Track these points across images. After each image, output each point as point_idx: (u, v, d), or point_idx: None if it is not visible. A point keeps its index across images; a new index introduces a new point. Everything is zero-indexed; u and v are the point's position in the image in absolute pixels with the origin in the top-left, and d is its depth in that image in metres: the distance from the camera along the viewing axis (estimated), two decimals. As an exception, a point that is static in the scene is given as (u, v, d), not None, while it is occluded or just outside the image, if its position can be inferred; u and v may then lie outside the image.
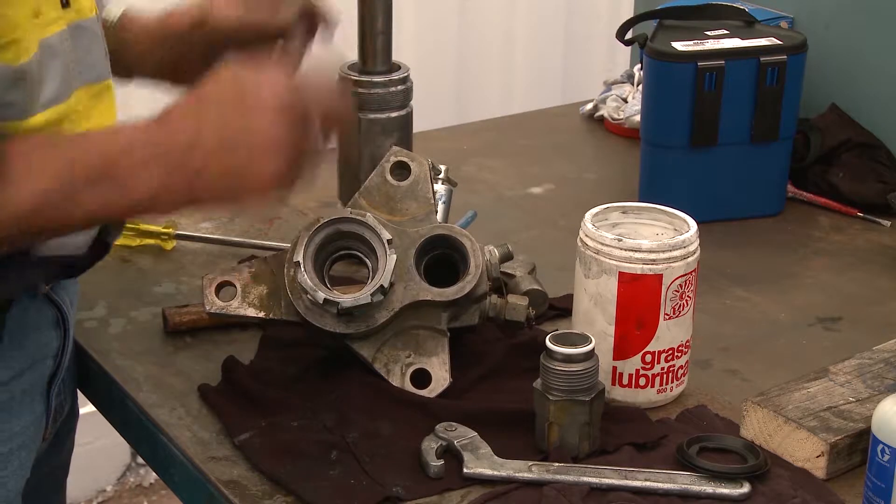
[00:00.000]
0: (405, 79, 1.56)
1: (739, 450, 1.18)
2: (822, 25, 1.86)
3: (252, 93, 1.07)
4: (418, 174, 1.29)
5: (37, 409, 1.27)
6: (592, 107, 2.13)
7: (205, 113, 1.07)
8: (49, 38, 1.12)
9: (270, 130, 1.06)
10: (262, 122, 1.06)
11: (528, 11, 3.21)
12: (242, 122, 1.06)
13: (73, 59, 1.16)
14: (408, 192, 1.28)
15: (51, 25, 1.13)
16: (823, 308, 1.50)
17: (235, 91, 1.07)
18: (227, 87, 1.08)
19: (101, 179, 1.06)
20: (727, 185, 1.74)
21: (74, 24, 1.16)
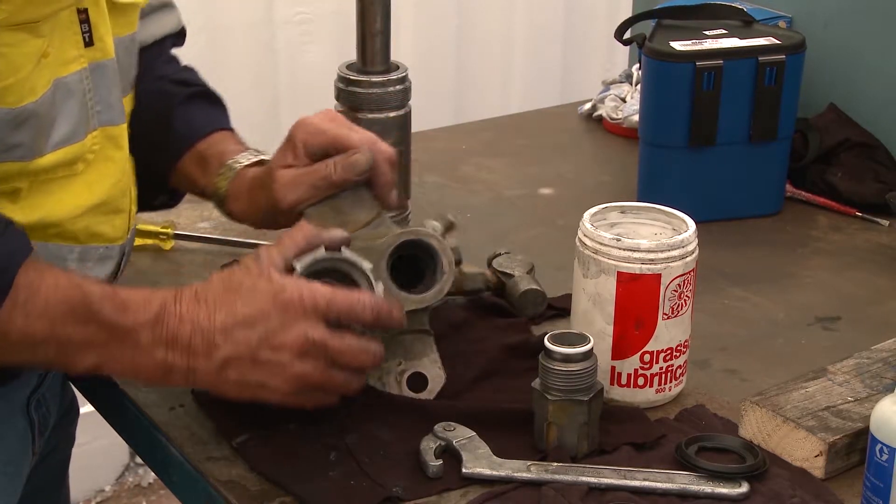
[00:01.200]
0: (404, 78, 1.56)
1: (738, 449, 1.18)
2: (821, 25, 1.86)
3: (276, 332, 1.06)
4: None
5: (19, 426, 1.26)
6: (591, 106, 2.13)
7: (224, 327, 1.06)
8: (66, 78, 1.11)
9: (292, 369, 1.08)
10: (283, 364, 1.07)
11: (527, 11, 3.21)
12: (264, 360, 1.07)
13: (93, 98, 1.15)
14: (354, 201, 1.24)
15: (69, 64, 1.12)
16: (822, 308, 1.50)
17: (263, 319, 1.06)
18: (256, 305, 1.07)
19: (100, 348, 1.06)
20: (726, 184, 1.74)
21: (96, 64, 1.15)
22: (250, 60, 2.84)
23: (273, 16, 2.84)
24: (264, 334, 1.06)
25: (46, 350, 1.05)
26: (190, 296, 1.07)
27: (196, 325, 1.06)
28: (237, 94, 2.82)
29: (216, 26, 2.77)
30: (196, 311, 1.06)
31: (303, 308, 1.07)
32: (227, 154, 1.34)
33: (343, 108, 1.55)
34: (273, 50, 2.86)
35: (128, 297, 1.06)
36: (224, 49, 2.79)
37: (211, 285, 1.09)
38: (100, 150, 1.17)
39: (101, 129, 1.17)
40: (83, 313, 1.04)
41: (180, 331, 1.06)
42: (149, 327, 1.05)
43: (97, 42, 1.15)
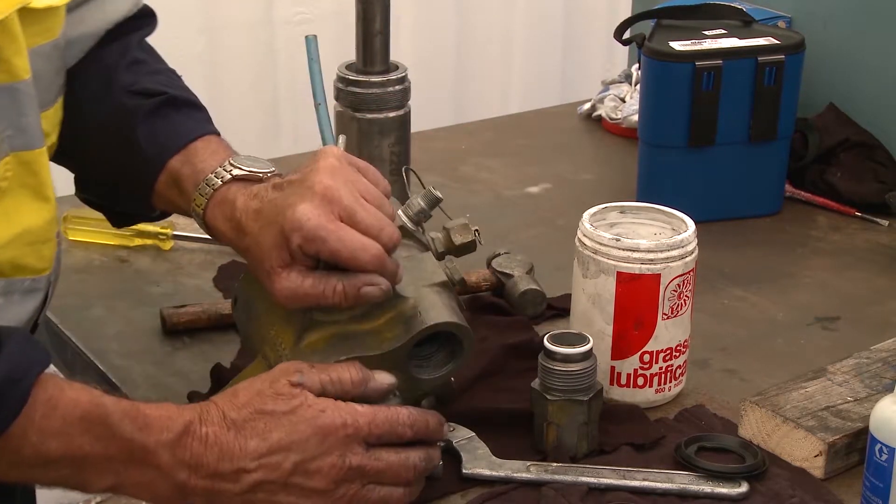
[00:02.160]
0: (403, 78, 1.56)
1: (737, 449, 1.18)
2: (820, 25, 1.86)
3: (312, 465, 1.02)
4: None
5: None
6: (590, 106, 2.13)
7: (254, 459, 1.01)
8: None
9: (327, 496, 1.03)
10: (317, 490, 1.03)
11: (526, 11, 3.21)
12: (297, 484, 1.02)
13: (1, 123, 1.04)
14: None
15: None
16: (821, 308, 1.50)
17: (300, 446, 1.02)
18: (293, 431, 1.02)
19: (117, 469, 1.00)
20: (725, 184, 1.74)
21: (3, 87, 1.04)
22: (250, 60, 2.84)
23: (273, 16, 2.83)
24: (300, 461, 1.02)
25: (60, 470, 0.99)
26: (217, 417, 1.02)
27: (224, 450, 1.01)
28: (237, 94, 2.82)
29: (216, 26, 2.77)
30: (224, 436, 1.01)
31: (344, 434, 1.02)
32: (199, 173, 1.18)
33: (343, 107, 1.55)
34: (273, 50, 2.85)
35: (150, 414, 1.00)
36: (224, 49, 2.79)
37: (241, 408, 1.02)
38: (14, 177, 1.06)
39: (14, 154, 1.06)
40: (102, 431, 0.98)
41: (206, 455, 1.00)
42: (170, 448, 0.99)
43: (3, 64, 1.03)
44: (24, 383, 0.96)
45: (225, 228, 1.15)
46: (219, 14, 2.77)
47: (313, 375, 1.05)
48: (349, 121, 1.55)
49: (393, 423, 1.05)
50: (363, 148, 1.55)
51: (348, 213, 1.06)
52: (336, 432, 1.02)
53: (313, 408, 1.03)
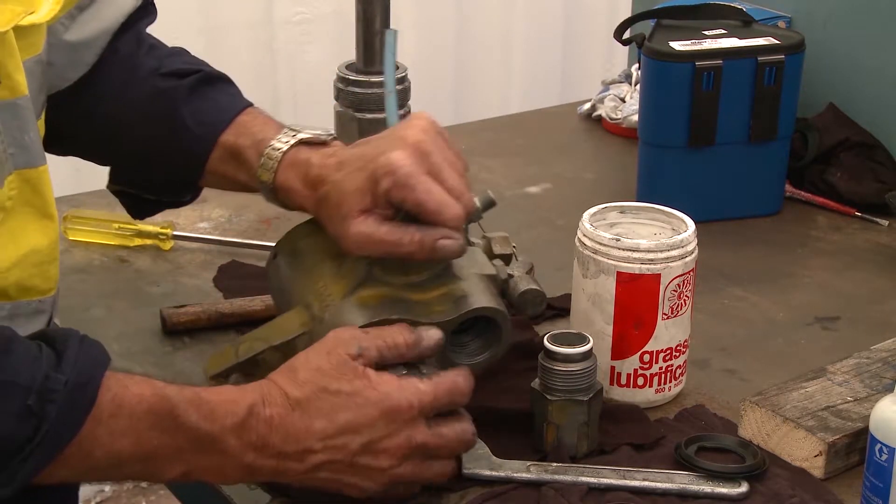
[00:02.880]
0: (403, 78, 1.56)
1: (737, 449, 1.18)
2: (820, 25, 1.86)
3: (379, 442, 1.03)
4: None
5: None
6: (590, 106, 2.13)
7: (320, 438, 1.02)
8: None
9: (390, 472, 1.05)
10: (382, 469, 1.04)
11: (526, 11, 3.22)
12: (363, 464, 1.04)
13: (4, 141, 1.04)
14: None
15: None
16: (821, 307, 1.50)
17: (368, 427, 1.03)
18: (362, 413, 1.03)
19: (188, 457, 1.01)
20: (725, 184, 1.74)
21: (4, 103, 1.04)
22: (250, 60, 2.84)
23: (272, 16, 2.84)
24: (367, 441, 1.03)
25: (132, 466, 1.01)
26: (280, 398, 1.02)
27: (290, 431, 1.02)
28: (237, 94, 2.82)
29: (216, 26, 2.77)
30: (289, 416, 1.02)
31: (410, 416, 1.04)
32: (260, 142, 1.20)
33: (343, 107, 1.55)
34: (273, 50, 2.86)
35: (213, 400, 1.01)
36: (224, 49, 2.79)
37: (302, 385, 1.03)
38: (18, 196, 1.06)
39: (17, 172, 1.06)
40: (169, 424, 0.99)
41: (271, 436, 1.01)
42: (236, 432, 1.00)
43: (4, 80, 1.03)
44: (90, 387, 0.97)
45: (298, 187, 1.17)
46: (219, 14, 2.78)
47: (370, 343, 1.05)
48: (349, 121, 1.55)
49: (453, 393, 1.07)
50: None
51: (437, 170, 1.09)
52: (403, 414, 1.04)
53: (378, 390, 1.03)
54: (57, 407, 0.94)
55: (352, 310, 1.12)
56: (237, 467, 1.03)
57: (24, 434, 0.94)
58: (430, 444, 1.06)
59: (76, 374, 0.96)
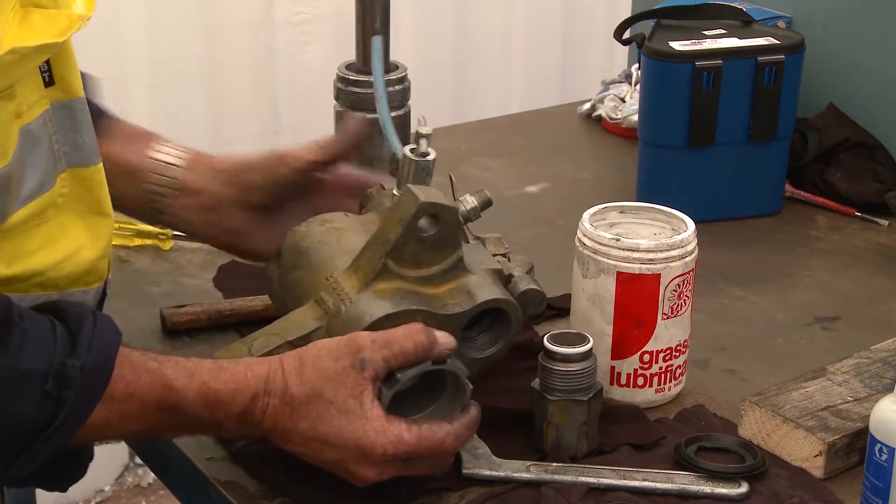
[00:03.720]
0: (403, 78, 1.56)
1: (737, 449, 1.18)
2: (820, 25, 1.86)
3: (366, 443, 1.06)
4: (449, 222, 1.17)
5: None
6: (590, 106, 2.13)
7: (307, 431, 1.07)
8: (30, 125, 1.03)
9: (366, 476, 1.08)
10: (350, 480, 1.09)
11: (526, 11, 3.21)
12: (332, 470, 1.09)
13: (59, 140, 1.07)
14: (437, 242, 1.17)
15: (31, 109, 1.03)
16: (821, 307, 1.50)
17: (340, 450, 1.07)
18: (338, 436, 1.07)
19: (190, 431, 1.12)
20: (725, 184, 1.74)
21: (59, 104, 1.07)
22: (249, 60, 2.84)
23: (272, 16, 2.84)
24: (338, 459, 1.08)
25: (138, 436, 1.12)
26: (279, 392, 1.07)
27: (277, 423, 1.07)
28: (237, 94, 2.83)
29: (215, 26, 2.77)
30: (281, 410, 1.07)
31: (383, 459, 1.07)
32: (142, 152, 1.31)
33: (343, 107, 1.55)
34: (272, 50, 2.86)
35: (221, 390, 1.06)
36: (223, 49, 2.79)
37: (303, 384, 1.07)
38: (69, 193, 1.09)
39: (70, 170, 1.09)
40: (176, 413, 1.06)
41: (263, 423, 1.08)
42: (234, 419, 1.07)
43: (58, 81, 1.06)
44: (105, 368, 1.02)
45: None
46: (219, 14, 2.77)
47: (376, 354, 1.08)
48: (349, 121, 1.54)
49: (435, 450, 1.09)
50: (363, 148, 1.55)
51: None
52: (375, 457, 1.07)
53: (363, 421, 1.06)
54: (74, 392, 0.99)
55: (370, 302, 1.13)
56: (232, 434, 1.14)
57: (44, 418, 0.99)
58: (402, 474, 1.10)
59: (92, 358, 1.01)
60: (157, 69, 2.68)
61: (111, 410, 1.02)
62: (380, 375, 1.08)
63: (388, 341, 1.09)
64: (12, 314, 0.99)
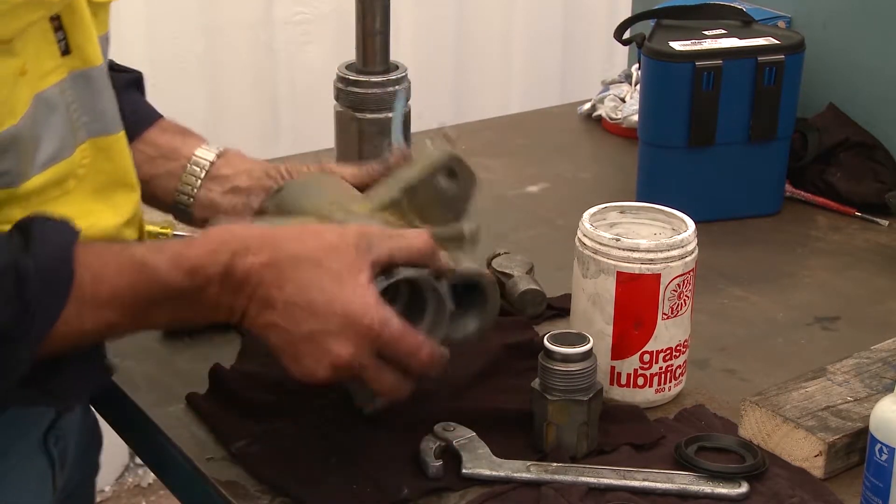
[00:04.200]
0: (403, 78, 1.56)
1: (737, 449, 1.18)
2: (820, 25, 1.86)
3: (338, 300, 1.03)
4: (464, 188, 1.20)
5: (38, 465, 1.21)
6: (590, 106, 2.13)
7: (283, 290, 1.03)
8: (45, 92, 1.04)
9: (322, 371, 1.05)
10: (318, 362, 1.05)
11: (526, 11, 3.22)
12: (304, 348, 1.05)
13: (77, 110, 1.08)
14: (446, 201, 1.19)
15: (47, 77, 1.04)
16: (821, 307, 1.50)
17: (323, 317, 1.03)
18: (327, 302, 1.03)
19: (173, 309, 1.05)
20: (725, 184, 1.74)
21: (77, 73, 1.08)
22: (249, 60, 2.84)
23: (272, 16, 2.84)
24: (317, 330, 1.04)
25: (122, 328, 1.05)
26: (268, 249, 1.04)
27: (262, 281, 1.03)
28: (237, 94, 2.83)
29: (215, 26, 2.77)
30: (268, 272, 1.03)
31: (365, 334, 1.04)
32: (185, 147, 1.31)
33: (342, 107, 1.55)
34: (272, 50, 2.86)
35: (194, 255, 1.03)
36: (223, 49, 2.79)
37: (300, 245, 1.05)
38: (91, 164, 1.10)
39: (91, 140, 1.10)
40: (153, 289, 1.02)
41: (246, 284, 1.04)
42: (217, 281, 1.03)
43: (75, 50, 1.07)
44: (64, 263, 0.99)
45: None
46: (219, 14, 2.77)
47: (382, 243, 1.07)
48: (349, 121, 1.55)
49: (412, 352, 1.07)
50: (363, 148, 1.55)
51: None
52: (360, 328, 1.04)
53: (354, 293, 1.04)
54: (33, 288, 0.96)
55: (379, 221, 1.14)
56: (216, 309, 1.05)
57: (6, 318, 0.96)
58: (368, 373, 1.06)
59: (47, 253, 0.98)
60: (157, 69, 2.68)
61: (82, 301, 0.99)
62: (381, 262, 1.06)
63: (398, 234, 1.09)
64: None
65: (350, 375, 1.07)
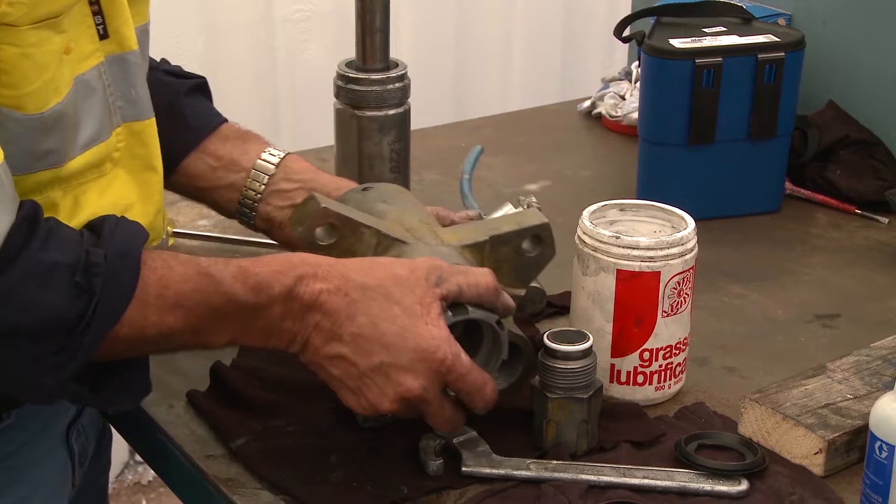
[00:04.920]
0: (403, 76, 1.56)
1: (737, 447, 1.18)
2: (820, 22, 1.86)
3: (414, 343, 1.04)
4: (544, 257, 1.24)
5: (59, 458, 1.23)
6: (590, 104, 2.13)
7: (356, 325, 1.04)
8: (84, 74, 1.06)
9: (386, 405, 1.06)
10: (384, 395, 1.06)
11: (526, 9, 3.21)
12: (370, 381, 1.05)
13: (114, 94, 1.11)
14: (520, 266, 1.23)
15: (86, 60, 1.07)
16: (821, 305, 1.50)
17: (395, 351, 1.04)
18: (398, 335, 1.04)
19: (234, 327, 1.05)
20: (725, 182, 1.74)
21: (114, 57, 1.10)
22: (250, 58, 2.84)
23: (272, 14, 2.84)
24: (387, 363, 1.04)
25: (182, 338, 1.05)
26: (338, 279, 1.05)
27: (331, 311, 1.04)
28: (237, 92, 2.82)
29: (215, 25, 2.77)
30: (337, 298, 1.04)
31: (437, 368, 1.05)
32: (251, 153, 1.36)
33: (343, 105, 1.55)
34: (272, 48, 2.86)
35: (261, 272, 1.04)
36: (223, 47, 2.79)
37: (371, 279, 1.05)
38: (125, 148, 1.13)
39: (125, 125, 1.13)
40: (217, 300, 1.03)
41: (312, 311, 1.04)
42: (281, 301, 1.04)
43: (112, 34, 1.09)
44: (131, 257, 1.01)
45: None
46: (218, 12, 2.77)
47: (452, 278, 1.08)
48: (349, 118, 1.55)
49: (477, 389, 1.08)
50: (363, 145, 1.55)
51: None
52: (432, 363, 1.05)
53: (428, 328, 1.05)
54: (102, 280, 0.98)
55: (460, 254, 1.16)
56: (279, 334, 1.05)
57: (76, 311, 0.98)
58: (430, 408, 1.07)
59: (115, 247, 1.00)
60: (157, 67, 2.68)
61: (146, 303, 1.01)
62: (450, 298, 1.07)
63: (467, 271, 1.09)
64: (39, 215, 1.00)
65: (412, 409, 1.07)
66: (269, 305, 1.04)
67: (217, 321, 1.04)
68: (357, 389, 1.06)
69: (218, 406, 1.25)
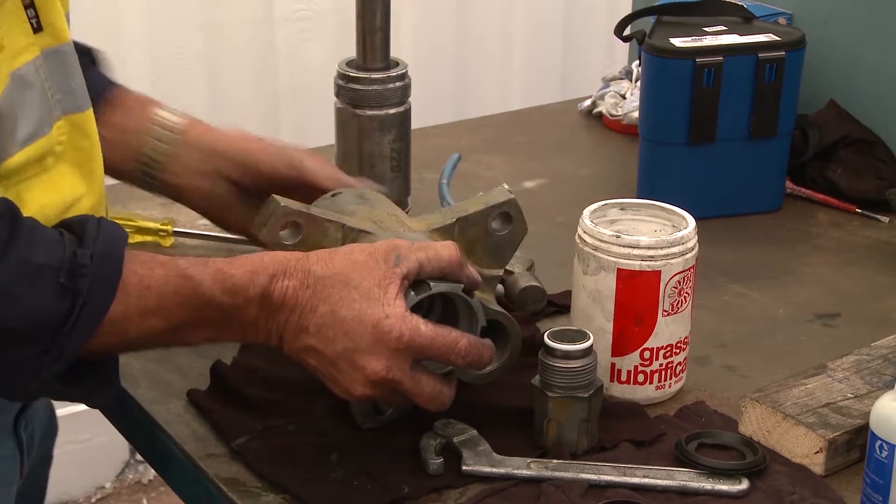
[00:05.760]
0: (403, 75, 1.56)
1: (738, 446, 1.18)
2: (821, 21, 1.86)
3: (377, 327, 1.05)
4: (514, 235, 1.25)
5: (7, 448, 1.23)
6: (591, 103, 2.13)
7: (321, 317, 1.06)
8: (20, 70, 1.04)
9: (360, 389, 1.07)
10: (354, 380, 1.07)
11: (527, 8, 3.21)
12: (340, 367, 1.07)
13: (51, 87, 1.09)
14: (493, 245, 1.24)
15: (21, 55, 1.05)
16: (822, 304, 1.50)
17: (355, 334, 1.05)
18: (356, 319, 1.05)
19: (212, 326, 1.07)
20: (725, 181, 1.74)
21: (49, 50, 1.09)
22: (250, 58, 2.84)
23: (273, 13, 2.84)
24: (349, 349, 1.06)
25: (163, 337, 1.07)
26: (301, 274, 1.06)
27: (296, 306, 1.06)
28: (237, 90, 2.83)
29: (216, 24, 2.77)
30: (301, 292, 1.06)
31: (396, 346, 1.05)
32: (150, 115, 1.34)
33: (343, 104, 1.55)
34: (273, 47, 2.86)
35: (236, 273, 1.06)
36: (224, 46, 2.79)
37: (330, 268, 1.07)
38: (68, 141, 1.12)
39: (66, 118, 1.11)
40: (196, 301, 1.05)
41: (282, 308, 1.06)
42: (256, 303, 1.06)
43: (46, 27, 1.08)
44: (115, 258, 1.02)
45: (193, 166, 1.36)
46: (219, 11, 2.77)
47: (411, 255, 1.08)
48: (349, 117, 1.55)
49: (449, 349, 1.08)
50: (364, 145, 1.55)
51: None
52: (391, 342, 1.05)
53: (385, 306, 1.06)
54: (88, 280, 1.00)
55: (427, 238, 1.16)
56: (255, 332, 1.08)
57: (62, 310, 0.99)
58: (403, 386, 1.07)
59: (100, 247, 1.01)
60: (158, 66, 2.68)
61: (128, 305, 1.02)
62: (411, 275, 1.08)
63: (426, 246, 1.10)
64: (17, 212, 1.00)
65: (390, 390, 1.08)
66: (244, 306, 1.06)
67: (196, 321, 1.06)
68: (332, 377, 1.08)
69: (218, 405, 1.25)
